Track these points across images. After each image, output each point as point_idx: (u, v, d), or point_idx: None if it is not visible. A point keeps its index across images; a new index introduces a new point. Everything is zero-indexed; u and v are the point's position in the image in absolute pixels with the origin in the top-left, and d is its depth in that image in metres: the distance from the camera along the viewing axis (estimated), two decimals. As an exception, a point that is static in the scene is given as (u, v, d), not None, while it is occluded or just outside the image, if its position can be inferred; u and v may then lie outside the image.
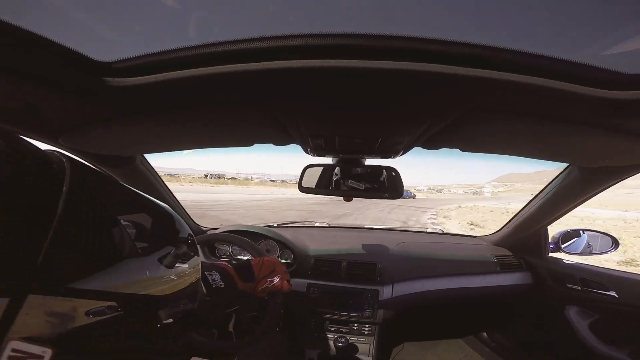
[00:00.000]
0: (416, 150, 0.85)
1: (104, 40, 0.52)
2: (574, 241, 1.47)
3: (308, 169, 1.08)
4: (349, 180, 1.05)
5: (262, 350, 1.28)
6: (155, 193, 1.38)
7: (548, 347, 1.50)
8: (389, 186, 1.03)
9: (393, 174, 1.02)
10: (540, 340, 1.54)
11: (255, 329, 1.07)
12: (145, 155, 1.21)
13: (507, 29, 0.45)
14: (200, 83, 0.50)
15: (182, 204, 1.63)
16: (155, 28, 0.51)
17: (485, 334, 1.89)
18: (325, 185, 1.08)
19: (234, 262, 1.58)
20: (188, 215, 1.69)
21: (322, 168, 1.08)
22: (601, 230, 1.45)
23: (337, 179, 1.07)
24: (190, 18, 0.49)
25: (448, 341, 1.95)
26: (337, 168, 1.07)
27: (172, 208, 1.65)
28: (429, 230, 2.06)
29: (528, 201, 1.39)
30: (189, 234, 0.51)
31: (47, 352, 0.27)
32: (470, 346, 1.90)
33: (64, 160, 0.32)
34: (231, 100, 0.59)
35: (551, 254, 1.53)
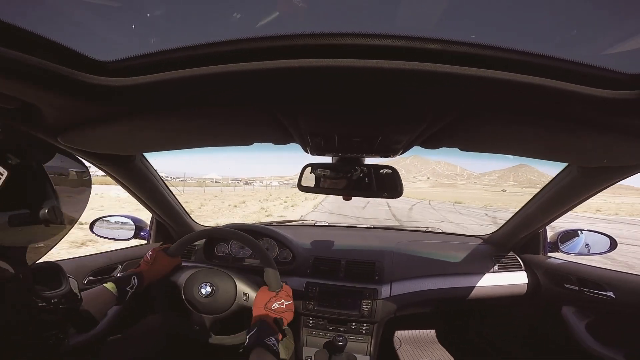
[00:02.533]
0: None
1: (102, 40, 0.52)
2: (573, 241, 1.47)
3: (307, 168, 1.08)
4: (348, 180, 1.05)
5: None
6: (155, 192, 1.38)
7: (545, 347, 1.50)
8: (388, 185, 1.03)
9: (392, 173, 1.02)
10: (537, 340, 1.55)
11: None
12: (145, 154, 1.21)
13: (507, 28, 0.44)
14: (199, 83, 0.49)
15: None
16: (154, 27, 0.50)
17: (482, 333, 1.89)
18: (324, 184, 1.08)
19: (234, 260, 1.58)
20: (187, 213, 1.69)
21: (321, 167, 1.08)
22: (600, 231, 1.45)
23: (336, 177, 1.07)
24: (188, 17, 0.49)
25: (445, 340, 1.96)
26: (336, 167, 1.07)
27: (173, 206, 1.66)
28: (428, 229, 2.06)
29: (527, 200, 1.39)
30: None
31: None
32: (467, 345, 1.90)
33: None
34: (230, 100, 0.59)
35: (550, 254, 1.53)
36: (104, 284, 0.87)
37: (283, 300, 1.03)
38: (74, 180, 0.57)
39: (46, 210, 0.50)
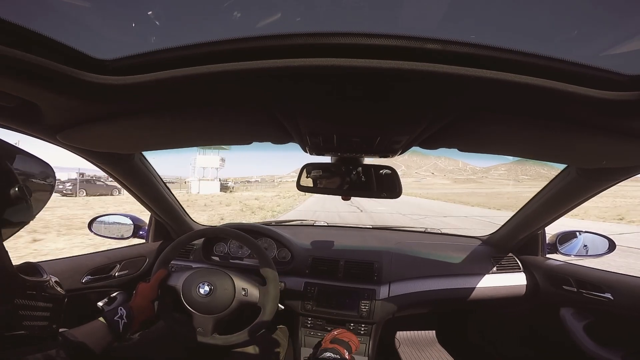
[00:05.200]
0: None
1: (102, 38, 0.52)
2: (571, 242, 1.47)
3: (306, 168, 1.08)
4: (347, 180, 1.05)
5: (255, 349, 1.29)
6: (154, 191, 1.38)
7: (543, 348, 1.50)
8: (387, 186, 1.03)
9: (391, 173, 1.02)
10: (535, 342, 1.55)
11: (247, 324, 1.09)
12: (144, 153, 1.21)
13: (507, 29, 0.44)
14: (199, 82, 0.49)
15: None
16: (154, 26, 0.50)
17: (481, 334, 1.89)
18: (323, 184, 1.08)
19: (230, 260, 1.58)
20: (186, 213, 1.69)
21: (320, 167, 1.08)
22: (599, 232, 1.45)
23: (335, 178, 1.07)
24: (188, 16, 0.49)
25: (444, 341, 1.96)
26: (335, 167, 1.07)
27: (172, 206, 1.65)
28: (427, 229, 2.06)
29: (527, 202, 1.40)
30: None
31: None
32: (466, 346, 1.90)
33: None
34: (229, 99, 0.59)
35: (548, 255, 1.53)
36: (99, 318, 0.88)
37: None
38: (36, 182, 0.57)
39: (16, 189, 0.49)
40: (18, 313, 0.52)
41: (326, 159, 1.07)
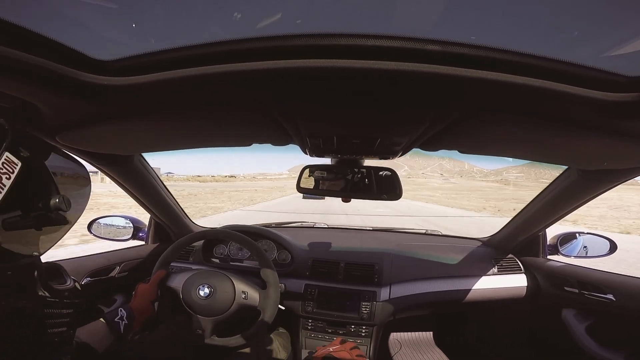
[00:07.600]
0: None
1: (102, 39, 0.51)
2: (571, 244, 1.47)
3: (306, 170, 1.08)
4: (347, 182, 1.05)
5: (255, 351, 1.28)
6: (153, 192, 1.38)
7: (545, 349, 1.49)
8: (387, 188, 1.03)
9: (391, 175, 1.02)
10: (537, 343, 1.54)
11: (248, 327, 1.09)
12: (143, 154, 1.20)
13: (507, 30, 0.44)
14: (198, 82, 0.49)
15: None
16: (154, 27, 0.50)
17: (482, 336, 1.88)
18: (322, 185, 1.08)
19: (231, 262, 1.58)
20: (185, 214, 1.69)
21: (320, 169, 1.08)
22: (599, 233, 1.45)
23: (335, 179, 1.07)
24: (188, 17, 0.49)
25: (445, 343, 1.95)
26: (335, 169, 1.06)
27: (171, 207, 1.65)
28: (427, 231, 2.05)
29: (527, 203, 1.39)
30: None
31: None
32: (467, 348, 1.89)
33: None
34: (229, 100, 0.59)
35: (549, 256, 1.53)
36: (99, 319, 0.88)
37: None
38: (74, 178, 0.57)
39: (56, 200, 0.49)
40: (45, 322, 0.52)
41: (326, 161, 1.07)
